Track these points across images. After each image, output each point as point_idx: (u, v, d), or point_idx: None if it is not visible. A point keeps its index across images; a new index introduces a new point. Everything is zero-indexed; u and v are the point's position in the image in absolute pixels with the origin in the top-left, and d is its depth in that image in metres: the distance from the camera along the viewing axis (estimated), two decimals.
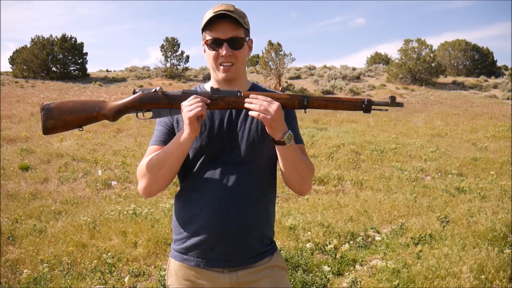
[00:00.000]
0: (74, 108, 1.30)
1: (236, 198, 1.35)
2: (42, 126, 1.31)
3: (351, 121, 13.39)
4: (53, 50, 28.62)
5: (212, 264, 1.37)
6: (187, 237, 1.39)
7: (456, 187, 5.90)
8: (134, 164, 7.53)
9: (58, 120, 1.30)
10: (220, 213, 1.34)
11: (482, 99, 21.65)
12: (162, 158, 1.32)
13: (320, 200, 5.40)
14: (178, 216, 1.43)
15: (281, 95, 1.33)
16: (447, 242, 3.82)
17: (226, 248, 1.36)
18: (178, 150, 1.30)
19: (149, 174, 1.34)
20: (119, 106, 1.33)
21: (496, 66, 35.97)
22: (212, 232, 1.34)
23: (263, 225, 1.43)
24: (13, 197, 5.75)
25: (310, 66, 33.77)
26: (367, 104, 1.33)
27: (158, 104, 1.32)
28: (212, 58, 1.39)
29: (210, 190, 1.36)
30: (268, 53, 23.39)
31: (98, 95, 20.29)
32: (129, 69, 34.95)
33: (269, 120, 1.23)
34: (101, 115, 1.32)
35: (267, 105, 1.24)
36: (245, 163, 1.38)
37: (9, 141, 9.90)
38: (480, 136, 10.99)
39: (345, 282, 3.24)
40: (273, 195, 1.49)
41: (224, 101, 1.31)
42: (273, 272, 1.43)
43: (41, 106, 1.31)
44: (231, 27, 1.34)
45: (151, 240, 3.95)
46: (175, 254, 1.44)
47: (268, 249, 1.44)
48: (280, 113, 1.25)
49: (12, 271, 3.46)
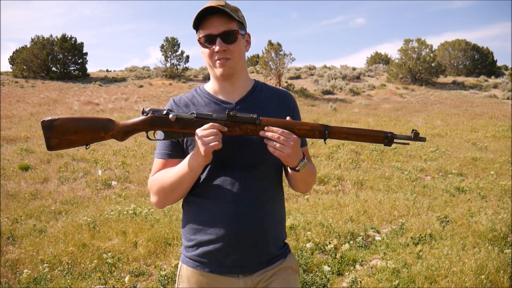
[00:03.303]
0: (79, 128, 1.24)
1: (249, 202, 1.32)
2: (45, 144, 1.25)
3: (351, 121, 13.38)
4: (53, 50, 28.61)
5: (228, 270, 1.34)
6: (200, 244, 1.35)
7: (456, 187, 5.90)
8: (134, 164, 7.54)
9: (62, 139, 1.24)
10: (234, 219, 1.30)
11: (482, 99, 21.64)
12: (175, 182, 1.30)
13: (320, 200, 5.40)
14: (189, 222, 1.39)
15: (302, 125, 1.28)
16: (447, 242, 3.82)
17: (241, 254, 1.32)
18: (190, 176, 1.29)
19: (161, 194, 1.35)
20: (128, 128, 1.29)
21: (496, 66, 35.96)
22: (227, 239, 1.31)
23: (277, 227, 1.41)
24: (13, 197, 5.75)
25: (310, 66, 33.77)
26: (389, 138, 1.29)
27: (170, 128, 1.27)
28: (207, 56, 1.35)
29: (222, 196, 1.32)
30: (268, 53, 23.38)
31: (98, 95, 20.29)
32: (129, 69, 34.95)
33: (284, 157, 1.24)
34: (109, 136, 1.28)
35: (284, 142, 1.22)
36: (255, 165, 1.34)
37: (9, 141, 9.90)
38: (480, 136, 10.99)
39: (345, 282, 3.24)
40: (283, 195, 1.47)
41: (241, 129, 1.26)
42: (287, 274, 1.41)
43: (43, 123, 1.23)
44: (223, 21, 1.30)
45: (151, 240, 3.95)
46: (186, 260, 1.40)
47: (282, 252, 1.42)
48: (297, 148, 1.25)
49: (12, 271, 3.46)
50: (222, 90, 1.41)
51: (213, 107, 1.38)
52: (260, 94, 1.44)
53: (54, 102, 17.82)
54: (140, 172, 7.11)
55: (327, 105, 17.89)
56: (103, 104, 17.58)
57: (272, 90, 1.47)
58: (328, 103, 18.38)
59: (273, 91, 1.47)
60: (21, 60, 28.04)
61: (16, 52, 32.46)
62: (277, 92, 1.47)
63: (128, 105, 17.34)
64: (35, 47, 28.41)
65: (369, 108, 17.82)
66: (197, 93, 1.44)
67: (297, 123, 1.28)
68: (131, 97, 19.80)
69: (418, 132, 1.27)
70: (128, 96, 20.33)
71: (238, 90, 1.41)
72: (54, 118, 1.24)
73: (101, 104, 17.43)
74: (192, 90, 1.47)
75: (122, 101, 18.56)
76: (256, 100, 1.42)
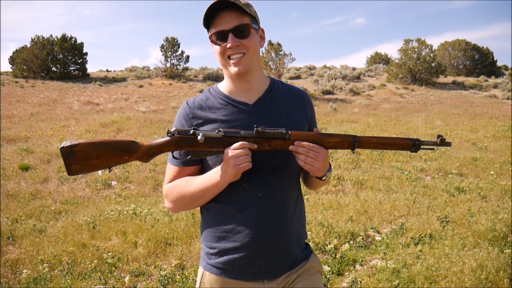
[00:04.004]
0: (101, 152, 1.20)
1: (273, 207, 1.28)
2: (66, 169, 1.20)
3: (351, 121, 13.38)
4: (53, 50, 28.63)
5: (253, 277, 1.31)
6: (223, 251, 1.32)
7: (456, 187, 5.90)
8: (134, 164, 7.53)
9: (84, 165, 1.20)
10: (260, 225, 1.27)
11: (482, 99, 21.64)
12: (197, 193, 1.28)
13: (320, 200, 5.40)
14: (211, 230, 1.34)
15: (331, 137, 1.26)
16: (447, 242, 3.82)
17: (267, 259, 1.30)
18: (214, 190, 1.26)
19: (180, 202, 1.32)
20: (154, 149, 1.25)
21: (496, 66, 35.97)
22: (253, 246, 1.27)
23: (300, 229, 1.39)
24: (13, 197, 5.74)
25: (310, 66, 33.79)
26: (416, 145, 1.29)
27: (197, 147, 1.23)
28: (219, 54, 1.27)
29: (245, 201, 1.28)
30: (268, 53, 23.39)
31: (98, 95, 20.29)
32: (129, 69, 34.97)
33: (314, 170, 1.24)
34: (133, 158, 1.24)
35: (314, 156, 1.22)
36: (279, 168, 1.30)
37: (9, 141, 9.90)
38: (480, 136, 10.99)
39: (345, 282, 3.24)
40: (302, 195, 1.44)
41: (270, 144, 1.23)
42: (310, 274, 1.39)
43: (63, 150, 1.18)
44: (235, 15, 1.23)
45: (151, 240, 3.94)
46: (209, 267, 1.35)
47: (305, 253, 1.41)
48: (326, 161, 1.24)
49: (12, 271, 3.46)
50: (238, 89, 1.34)
51: (230, 110, 1.31)
52: (278, 92, 1.38)
53: (54, 102, 17.82)
54: (140, 172, 7.11)
55: (327, 105, 17.89)
56: (103, 104, 17.58)
57: (289, 88, 1.42)
58: (328, 103, 18.38)
59: (290, 89, 1.42)
60: (21, 60, 28.06)
61: (16, 52, 32.48)
62: (294, 91, 1.42)
63: (128, 105, 17.34)
64: (35, 47, 28.44)
65: (369, 108, 17.82)
66: (211, 94, 1.36)
67: (326, 136, 1.26)
68: (131, 97, 19.81)
69: (444, 137, 1.27)
70: (128, 96, 20.34)
71: (255, 89, 1.34)
72: (74, 143, 1.18)
73: (101, 104, 17.43)
74: (205, 91, 1.39)
75: (122, 101, 18.56)
76: (275, 99, 1.36)
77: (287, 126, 1.30)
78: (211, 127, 1.29)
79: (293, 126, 1.31)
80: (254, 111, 1.31)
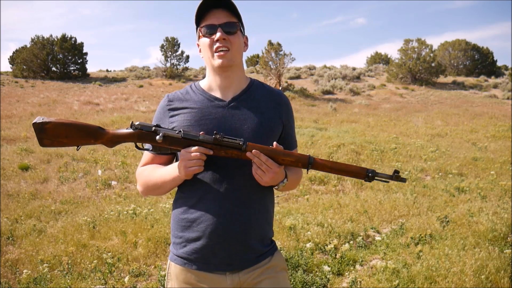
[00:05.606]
0: (69, 133, 1.30)
1: (237, 201, 1.33)
2: (38, 141, 1.31)
3: (351, 121, 13.39)
4: (53, 50, 28.61)
5: (215, 268, 1.35)
6: (187, 241, 1.37)
7: (456, 187, 5.89)
8: (134, 164, 7.53)
9: (54, 141, 1.30)
10: (222, 217, 1.32)
11: (482, 99, 21.63)
12: (158, 183, 1.38)
13: (320, 200, 5.40)
14: (178, 220, 1.40)
15: (286, 156, 1.30)
16: (447, 242, 3.82)
17: (229, 252, 1.34)
18: (171, 184, 1.37)
19: (145, 188, 1.44)
20: (117, 138, 1.33)
21: (496, 66, 35.96)
22: (215, 237, 1.32)
23: (264, 226, 1.42)
24: (13, 197, 5.74)
25: (310, 66, 33.76)
26: (370, 177, 1.32)
27: (157, 143, 1.31)
28: (207, 46, 1.36)
29: (210, 194, 1.33)
30: (268, 53, 23.38)
31: (98, 95, 20.28)
32: (129, 69, 34.96)
33: (262, 182, 1.31)
34: (99, 142, 1.34)
35: (265, 170, 1.27)
36: (245, 165, 1.33)
37: (9, 141, 9.90)
38: (480, 136, 10.99)
39: (345, 282, 3.24)
40: (272, 194, 1.48)
41: (227, 153, 1.28)
42: (275, 272, 1.42)
43: (35, 125, 1.27)
44: (225, 14, 1.34)
45: (151, 240, 3.94)
46: (175, 258, 1.41)
47: (269, 249, 1.44)
48: (276, 176, 1.30)
49: (12, 271, 3.46)
50: (217, 86, 1.41)
51: (205, 104, 1.38)
52: (255, 92, 1.44)
53: (54, 102, 17.81)
54: None
55: (327, 105, 17.89)
56: (103, 104, 17.57)
57: (267, 90, 1.47)
58: (328, 103, 18.38)
59: (269, 91, 1.47)
60: (21, 60, 28.03)
61: (16, 52, 32.47)
62: (272, 93, 1.47)
63: (128, 105, 17.33)
64: (35, 47, 28.41)
65: (369, 108, 17.82)
66: (191, 89, 1.45)
67: (281, 153, 1.30)
68: (131, 97, 19.79)
69: (399, 174, 1.31)
70: (128, 96, 20.33)
71: (233, 87, 1.41)
72: (46, 121, 1.27)
73: (101, 104, 17.42)
74: (187, 86, 1.47)
75: (122, 101, 18.55)
76: (251, 98, 1.41)
77: (259, 125, 1.37)
78: (184, 115, 1.38)
79: (265, 126, 1.37)
80: (229, 107, 1.38)
